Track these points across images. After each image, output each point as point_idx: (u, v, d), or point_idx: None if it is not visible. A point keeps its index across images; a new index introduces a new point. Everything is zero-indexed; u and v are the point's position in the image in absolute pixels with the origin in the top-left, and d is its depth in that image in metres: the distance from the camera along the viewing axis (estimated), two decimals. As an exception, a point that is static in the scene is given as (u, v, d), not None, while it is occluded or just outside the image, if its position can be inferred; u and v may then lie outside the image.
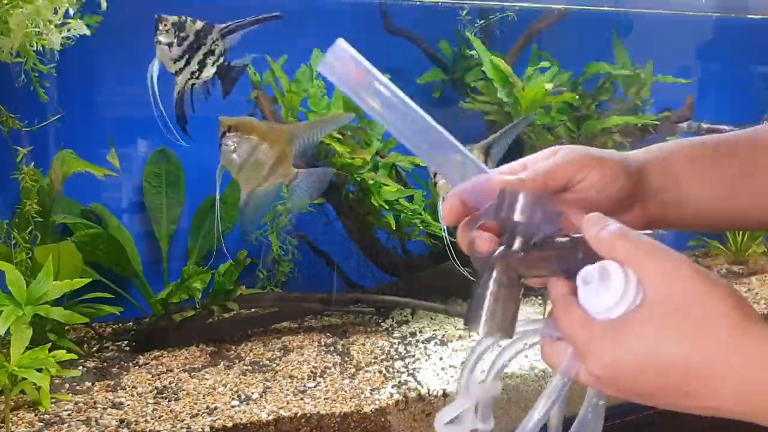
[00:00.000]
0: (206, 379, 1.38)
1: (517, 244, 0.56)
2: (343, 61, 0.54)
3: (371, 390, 1.35)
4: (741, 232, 2.18)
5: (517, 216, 0.55)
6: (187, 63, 1.20)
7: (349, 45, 0.54)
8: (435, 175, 1.35)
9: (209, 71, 1.22)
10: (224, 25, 1.22)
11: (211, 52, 1.21)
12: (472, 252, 0.58)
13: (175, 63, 1.20)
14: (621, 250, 0.52)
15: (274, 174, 1.24)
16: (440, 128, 0.58)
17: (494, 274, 0.55)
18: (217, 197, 1.28)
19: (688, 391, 0.50)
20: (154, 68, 1.19)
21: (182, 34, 1.18)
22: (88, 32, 1.21)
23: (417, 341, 1.58)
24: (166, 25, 1.17)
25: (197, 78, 1.22)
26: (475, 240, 0.58)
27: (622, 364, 0.51)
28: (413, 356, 1.50)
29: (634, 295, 0.51)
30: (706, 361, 0.49)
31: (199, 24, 1.20)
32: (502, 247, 0.56)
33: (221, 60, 1.22)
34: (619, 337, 0.51)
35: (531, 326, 0.57)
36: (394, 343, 1.57)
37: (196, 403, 1.28)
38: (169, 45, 1.18)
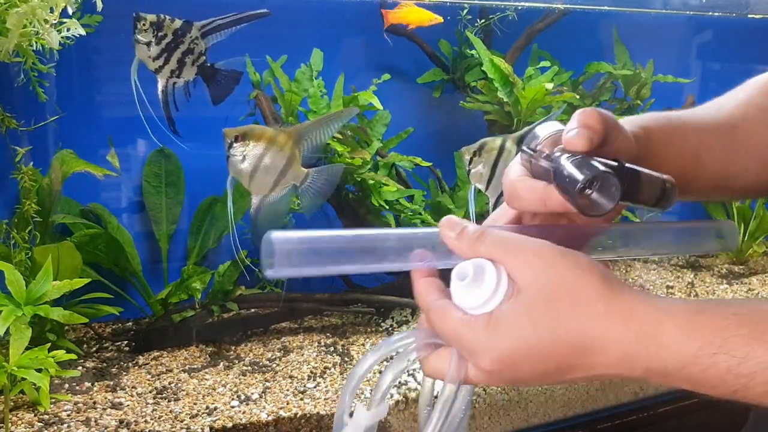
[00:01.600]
0: (206, 379, 1.37)
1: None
2: (297, 253, 0.53)
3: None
4: (742, 232, 2.18)
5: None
6: (167, 62, 1.19)
7: (283, 235, 0.52)
8: (470, 161, 1.33)
9: (190, 70, 1.22)
10: (204, 22, 1.21)
11: (190, 51, 1.20)
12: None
13: (154, 61, 1.20)
14: (484, 249, 0.54)
15: (285, 177, 1.23)
16: (389, 231, 0.58)
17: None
18: (230, 209, 1.27)
19: (575, 366, 0.52)
20: (135, 67, 1.19)
21: (161, 33, 1.17)
22: (83, 32, 1.20)
23: (417, 341, 1.58)
24: (144, 24, 1.17)
25: (178, 77, 1.21)
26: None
27: (511, 353, 0.52)
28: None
29: (506, 286, 0.53)
30: (588, 335, 0.51)
31: (178, 22, 1.19)
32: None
33: (202, 59, 1.22)
34: (502, 328, 0.52)
35: (406, 341, 0.58)
36: (394, 344, 1.57)
37: (195, 404, 1.28)
38: (148, 44, 1.18)
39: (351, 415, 0.59)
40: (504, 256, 0.54)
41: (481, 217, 1.37)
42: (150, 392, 1.31)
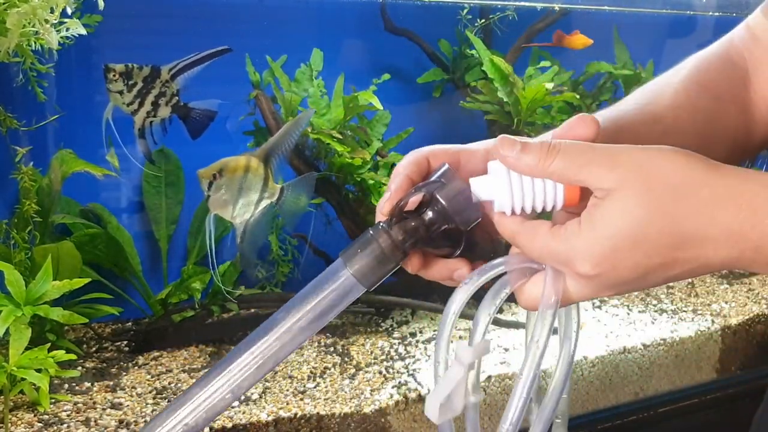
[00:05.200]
0: (206, 379, 1.37)
1: (427, 218, 0.57)
2: None
3: (371, 390, 1.35)
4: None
5: (441, 197, 0.56)
6: (141, 105, 1.25)
7: None
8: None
9: (165, 111, 1.27)
10: (172, 65, 1.26)
11: (163, 94, 1.25)
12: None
13: (128, 106, 1.25)
14: (557, 165, 0.50)
15: (263, 198, 1.26)
16: None
17: (392, 232, 0.58)
18: (211, 246, 1.29)
19: (679, 259, 0.49)
20: (110, 111, 1.24)
21: (131, 82, 1.23)
22: (84, 32, 1.21)
23: (417, 342, 1.58)
24: (114, 75, 1.22)
25: (154, 116, 1.27)
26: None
27: (611, 252, 0.49)
28: (413, 357, 1.50)
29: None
30: (694, 223, 0.48)
31: (146, 69, 1.24)
32: (411, 218, 0.58)
33: (175, 100, 1.27)
34: (598, 227, 0.49)
35: (496, 269, 0.55)
36: (394, 344, 1.57)
37: (195, 404, 1.27)
38: (120, 92, 1.23)
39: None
40: (581, 171, 0.49)
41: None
42: (150, 392, 1.31)
